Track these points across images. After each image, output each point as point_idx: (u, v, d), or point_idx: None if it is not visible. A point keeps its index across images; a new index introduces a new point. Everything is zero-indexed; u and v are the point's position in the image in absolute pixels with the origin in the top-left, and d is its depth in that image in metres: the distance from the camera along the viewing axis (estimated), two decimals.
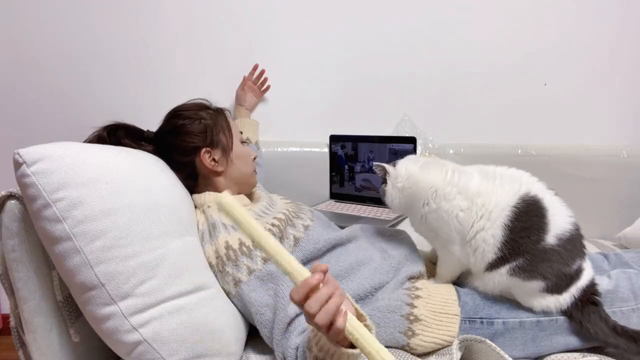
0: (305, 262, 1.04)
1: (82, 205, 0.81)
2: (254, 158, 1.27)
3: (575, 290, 0.97)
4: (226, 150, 1.17)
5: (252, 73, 1.72)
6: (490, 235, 0.97)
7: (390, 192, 1.09)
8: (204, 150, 1.13)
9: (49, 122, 1.75)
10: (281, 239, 1.04)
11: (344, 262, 1.06)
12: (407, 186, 1.06)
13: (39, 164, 0.80)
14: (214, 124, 1.17)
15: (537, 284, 0.96)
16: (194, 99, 1.22)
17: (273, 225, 1.05)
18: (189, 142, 1.13)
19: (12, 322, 0.92)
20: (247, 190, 1.25)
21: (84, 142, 1.09)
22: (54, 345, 0.91)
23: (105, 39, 1.71)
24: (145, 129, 1.18)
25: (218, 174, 1.17)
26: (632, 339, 0.92)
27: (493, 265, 0.99)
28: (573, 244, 0.96)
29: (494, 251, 0.97)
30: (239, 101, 1.71)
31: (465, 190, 0.99)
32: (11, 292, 0.90)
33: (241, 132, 1.29)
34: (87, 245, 0.80)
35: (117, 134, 1.12)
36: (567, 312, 0.98)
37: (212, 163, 1.15)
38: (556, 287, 0.96)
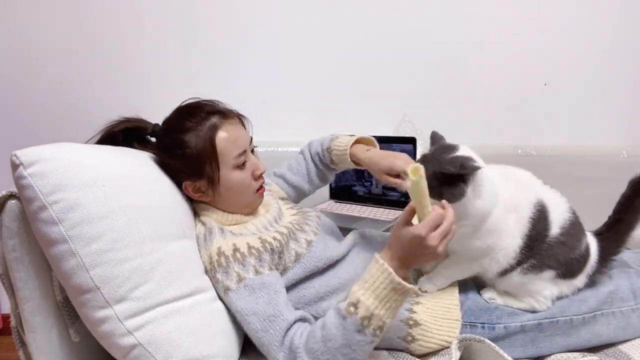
0: (304, 279, 1.02)
1: (78, 207, 0.80)
2: (260, 175, 1.09)
3: (589, 268, 1.01)
4: (212, 182, 1.04)
5: None
6: (516, 244, 0.97)
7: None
8: (186, 182, 1.05)
9: (50, 121, 1.76)
10: (281, 253, 1.01)
11: (343, 275, 1.05)
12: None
13: (35, 166, 0.80)
14: (197, 154, 1.01)
15: (549, 274, 0.98)
16: (191, 101, 1.09)
17: (274, 238, 1.01)
18: (172, 172, 1.05)
19: (13, 322, 0.92)
20: (245, 212, 1.11)
21: (96, 139, 1.08)
22: (54, 345, 0.92)
23: (106, 38, 1.71)
24: (154, 123, 1.11)
25: (205, 202, 1.09)
26: None
27: (507, 270, 1.00)
28: (575, 228, 1.00)
29: (513, 257, 0.98)
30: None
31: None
32: (11, 292, 0.90)
33: (251, 138, 1.12)
34: (83, 248, 0.80)
35: (124, 134, 1.08)
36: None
37: (197, 194, 1.06)
38: (569, 273, 0.99)
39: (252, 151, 1.12)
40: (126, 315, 0.81)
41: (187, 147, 1.01)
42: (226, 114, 1.06)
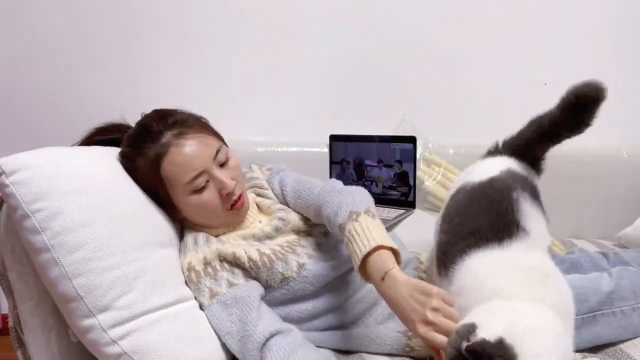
0: (293, 301, 0.98)
1: (61, 216, 0.79)
2: (228, 193, 0.97)
3: None
4: (171, 206, 1.00)
5: None
6: None
7: None
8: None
9: (48, 121, 1.76)
10: (257, 273, 0.95)
11: (342, 292, 1.02)
12: None
13: (17, 174, 0.79)
14: (147, 183, 0.97)
15: None
16: (142, 121, 1.01)
17: (250, 259, 0.95)
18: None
19: (11, 322, 0.92)
20: (224, 227, 1.05)
21: (81, 141, 1.07)
22: (53, 345, 0.91)
23: (97, 40, 1.72)
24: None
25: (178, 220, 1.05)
26: None
27: None
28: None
29: None
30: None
31: None
32: (10, 292, 0.90)
33: (217, 150, 0.98)
34: (65, 257, 0.78)
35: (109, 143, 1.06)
36: None
37: (167, 214, 1.01)
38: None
39: (225, 163, 1.00)
40: (110, 324, 0.80)
41: (137, 172, 0.97)
42: (182, 129, 0.96)
